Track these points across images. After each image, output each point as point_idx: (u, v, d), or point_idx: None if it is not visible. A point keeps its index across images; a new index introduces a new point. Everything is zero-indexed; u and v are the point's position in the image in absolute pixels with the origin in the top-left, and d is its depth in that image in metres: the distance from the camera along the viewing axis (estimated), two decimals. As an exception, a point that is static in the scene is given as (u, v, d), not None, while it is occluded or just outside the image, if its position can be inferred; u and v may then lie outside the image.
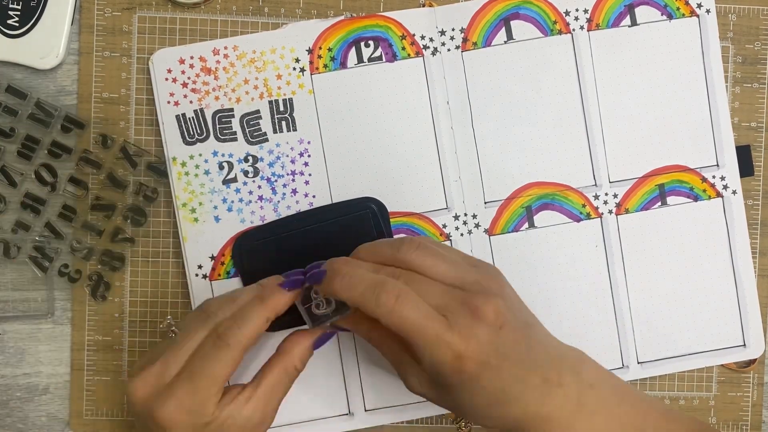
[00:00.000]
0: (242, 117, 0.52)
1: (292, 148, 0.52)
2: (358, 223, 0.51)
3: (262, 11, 0.53)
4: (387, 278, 0.42)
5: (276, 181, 0.52)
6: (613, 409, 0.43)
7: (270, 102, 0.52)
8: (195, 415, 0.43)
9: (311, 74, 0.52)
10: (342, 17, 0.52)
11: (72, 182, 0.52)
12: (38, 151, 0.52)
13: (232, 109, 0.52)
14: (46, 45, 0.52)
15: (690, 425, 0.44)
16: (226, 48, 0.52)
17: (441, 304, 0.42)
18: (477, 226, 0.53)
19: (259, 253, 0.51)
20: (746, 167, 0.54)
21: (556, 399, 0.42)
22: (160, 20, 0.53)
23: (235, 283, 0.52)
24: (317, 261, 0.46)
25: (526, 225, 0.53)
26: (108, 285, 0.53)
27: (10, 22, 0.51)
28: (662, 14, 0.53)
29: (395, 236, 0.52)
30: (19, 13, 0.52)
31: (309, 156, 0.52)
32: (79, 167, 0.52)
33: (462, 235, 0.53)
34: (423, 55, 0.53)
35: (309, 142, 0.52)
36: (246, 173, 0.52)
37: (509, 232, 0.53)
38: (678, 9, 0.53)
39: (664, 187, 0.53)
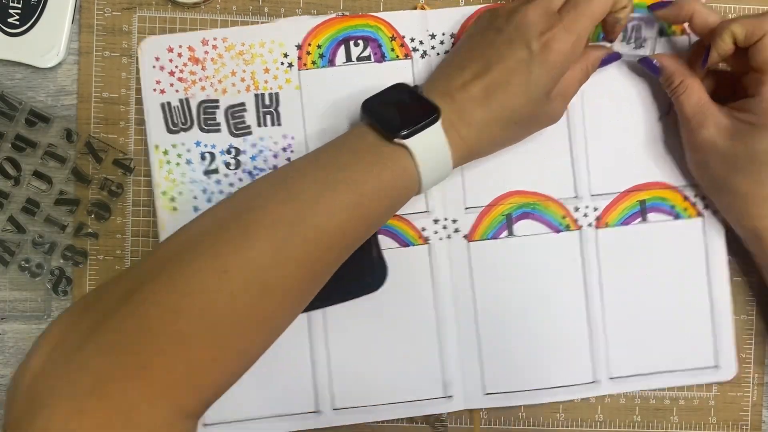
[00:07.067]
0: (227, 108, 0.52)
1: (275, 143, 0.52)
2: None
3: (262, 11, 0.53)
4: None
5: (258, 174, 0.52)
6: None
7: (256, 95, 0.52)
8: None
9: (299, 70, 0.52)
10: (333, 15, 0.52)
11: (36, 176, 0.52)
12: (2, 144, 0.52)
13: (217, 100, 0.52)
14: (46, 43, 0.52)
15: None
16: (215, 39, 0.52)
17: None
18: (456, 231, 0.53)
19: None
20: (729, 188, 0.54)
21: None
22: (160, 20, 0.53)
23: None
24: None
25: (506, 233, 0.53)
26: (69, 280, 0.53)
27: (10, 20, 0.51)
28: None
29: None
30: (19, 11, 0.51)
31: (292, 151, 0.52)
32: (43, 161, 0.52)
33: (441, 239, 0.53)
34: (412, 58, 0.53)
35: (293, 138, 0.52)
36: (228, 165, 0.52)
37: (488, 239, 0.53)
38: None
39: (646, 203, 0.53)
